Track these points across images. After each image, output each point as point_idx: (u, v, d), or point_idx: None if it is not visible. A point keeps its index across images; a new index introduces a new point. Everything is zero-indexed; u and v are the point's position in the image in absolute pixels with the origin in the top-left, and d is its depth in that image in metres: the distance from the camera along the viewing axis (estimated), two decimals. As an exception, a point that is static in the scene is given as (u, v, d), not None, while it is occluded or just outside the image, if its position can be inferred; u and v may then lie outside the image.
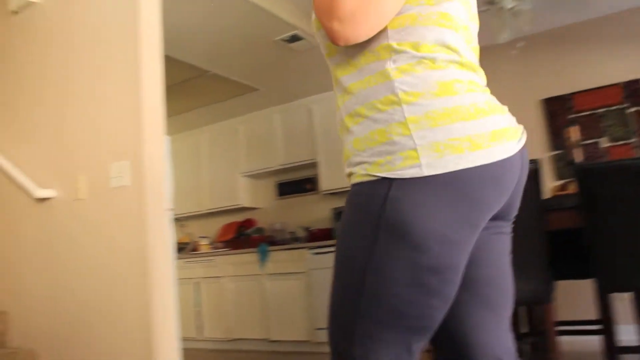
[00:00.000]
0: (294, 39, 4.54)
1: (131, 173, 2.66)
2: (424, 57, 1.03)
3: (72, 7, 3.16)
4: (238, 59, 4.94)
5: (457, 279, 1.04)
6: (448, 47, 1.05)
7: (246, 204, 6.43)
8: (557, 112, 4.85)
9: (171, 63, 4.64)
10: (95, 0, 3.03)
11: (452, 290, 1.04)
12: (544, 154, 4.86)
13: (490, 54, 5.04)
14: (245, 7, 3.99)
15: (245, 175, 6.45)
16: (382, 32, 1.05)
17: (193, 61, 4.90)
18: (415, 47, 1.04)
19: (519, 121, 4.93)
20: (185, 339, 5.87)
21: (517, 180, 1.10)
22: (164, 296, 2.56)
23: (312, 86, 5.72)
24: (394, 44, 1.04)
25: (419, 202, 0.99)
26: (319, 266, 5.18)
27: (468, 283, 1.13)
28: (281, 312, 5.37)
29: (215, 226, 6.77)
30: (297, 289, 5.29)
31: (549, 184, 4.73)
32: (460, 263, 1.04)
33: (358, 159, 1.08)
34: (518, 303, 2.59)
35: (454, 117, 1.00)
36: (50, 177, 3.09)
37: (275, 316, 5.40)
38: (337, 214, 5.69)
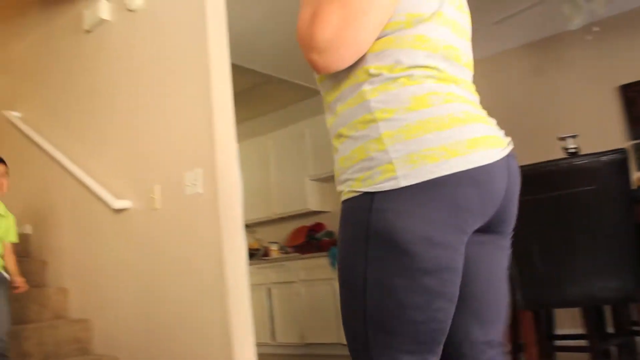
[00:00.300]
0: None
1: (205, 181, 2.68)
2: (399, 77, 1.07)
3: (141, 22, 3.23)
4: (303, 62, 4.93)
5: (455, 279, 1.07)
6: (425, 67, 1.08)
7: (315, 208, 6.41)
8: (636, 98, 4.59)
9: (236, 71, 4.69)
10: (163, 14, 3.09)
11: (453, 290, 1.06)
12: (623, 144, 4.60)
13: (563, 41, 4.83)
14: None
15: (313, 179, 6.43)
16: (362, 57, 1.09)
17: (258, 67, 4.94)
18: (391, 69, 1.07)
19: (596, 109, 4.76)
20: (258, 344, 5.90)
21: (506, 190, 1.12)
22: (241, 301, 2.56)
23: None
24: (371, 68, 1.08)
25: (401, 211, 1.03)
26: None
27: (458, 297, 1.13)
28: (354, 316, 5.31)
29: (284, 231, 6.79)
30: (370, 292, 5.21)
31: (632, 175, 4.48)
32: (453, 263, 1.06)
33: (344, 177, 1.12)
34: (603, 302, 2.44)
35: (428, 128, 1.04)
36: (126, 188, 3.16)
37: (348, 320, 5.35)
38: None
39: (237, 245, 2.62)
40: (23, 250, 3.85)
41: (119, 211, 3.16)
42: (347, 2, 1.03)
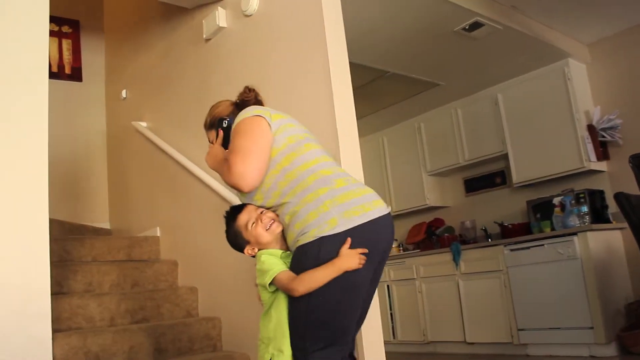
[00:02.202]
0: (475, 26, 4.34)
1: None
2: (321, 168, 1.88)
3: (258, 27, 3.29)
4: (417, 55, 4.84)
5: (364, 292, 1.84)
6: (327, 157, 1.97)
7: (434, 203, 6.29)
8: None
9: (350, 68, 4.67)
10: (279, 17, 3.12)
11: (362, 298, 1.84)
12: None
13: None
14: (422, 1, 3.89)
15: (430, 174, 6.31)
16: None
17: (372, 63, 4.90)
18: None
19: None
20: (381, 341, 5.86)
21: (389, 232, 1.89)
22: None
23: (497, 74, 5.43)
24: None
25: (338, 248, 1.73)
26: (518, 263, 4.87)
27: None
28: (478, 313, 5.14)
29: (403, 228, 6.71)
30: (495, 288, 5.03)
31: None
32: (365, 281, 1.82)
33: (302, 232, 1.78)
34: None
35: (350, 196, 1.80)
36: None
37: (472, 317, 5.19)
38: (534, 207, 5.31)
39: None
40: (154, 251, 4.07)
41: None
42: None
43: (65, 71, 5.53)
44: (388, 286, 5.97)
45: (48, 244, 2.76)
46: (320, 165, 1.88)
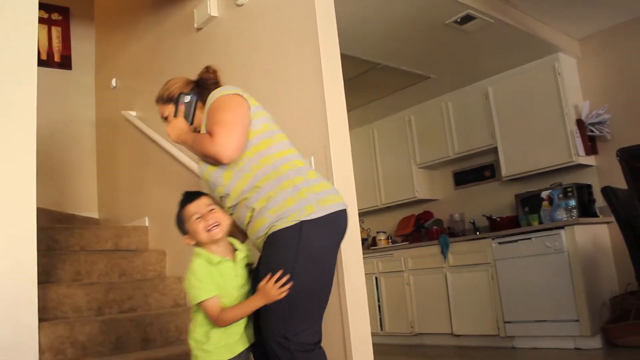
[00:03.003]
0: (466, 19, 4.34)
1: (318, 168, 2.68)
2: (294, 159, 2.04)
3: (249, 16, 3.28)
4: (408, 48, 4.84)
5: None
6: (297, 151, 2.10)
7: (423, 196, 6.30)
8: None
9: (341, 59, 4.67)
10: (271, 7, 3.11)
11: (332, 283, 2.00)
12: None
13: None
14: (414, -7, 3.90)
15: (420, 167, 6.32)
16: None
17: (363, 55, 4.90)
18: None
19: None
20: (369, 333, 5.89)
21: (346, 226, 2.02)
22: (356, 290, 2.55)
23: (488, 67, 5.44)
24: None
25: (316, 231, 1.88)
26: (505, 256, 4.90)
27: None
28: (465, 305, 5.18)
29: (392, 220, 6.73)
30: (482, 281, 5.06)
31: None
32: (334, 267, 1.99)
33: (276, 217, 1.89)
34: None
35: (323, 187, 1.97)
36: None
37: (459, 309, 5.22)
38: (522, 200, 5.34)
39: (353, 233, 2.60)
40: (142, 241, 4.06)
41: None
42: None
43: (54, 59, 5.49)
44: (376, 278, 5.99)
45: (35, 233, 2.74)
46: (293, 155, 2.03)
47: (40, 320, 2.77)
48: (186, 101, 2.22)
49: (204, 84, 2.27)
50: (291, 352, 1.83)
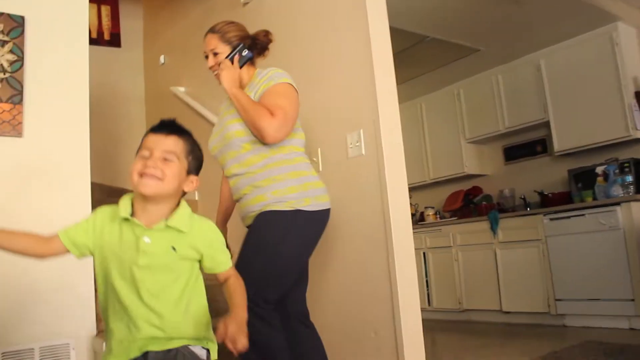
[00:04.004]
0: (519, -12, 4.19)
1: (367, 142, 2.66)
2: (304, 155, 2.24)
3: (297, -13, 3.25)
4: (458, 20, 4.72)
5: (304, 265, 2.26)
6: (303, 149, 2.25)
7: (472, 172, 6.20)
8: None
9: (390, 32, 4.60)
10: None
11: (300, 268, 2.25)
12: None
13: None
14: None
15: (469, 142, 6.21)
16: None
17: (411, 28, 4.80)
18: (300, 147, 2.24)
19: None
20: (416, 309, 5.87)
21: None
22: (406, 264, 2.54)
23: (540, 39, 5.26)
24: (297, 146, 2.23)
25: (307, 222, 2.10)
26: (557, 232, 4.79)
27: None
28: (515, 282, 5.09)
29: (441, 196, 6.65)
30: (533, 257, 4.96)
31: None
32: (307, 256, 2.23)
33: (277, 199, 2.08)
34: None
35: (320, 185, 2.19)
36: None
37: (509, 286, 5.15)
38: (575, 176, 5.19)
39: (402, 207, 2.59)
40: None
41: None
42: None
43: (104, 37, 5.58)
44: (424, 253, 5.95)
45: (90, 206, 2.83)
46: (304, 153, 2.24)
47: (96, 290, 2.86)
48: (244, 54, 2.28)
49: (257, 45, 2.37)
50: (255, 313, 1.85)
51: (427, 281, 5.90)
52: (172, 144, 1.53)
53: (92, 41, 5.25)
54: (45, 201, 2.70)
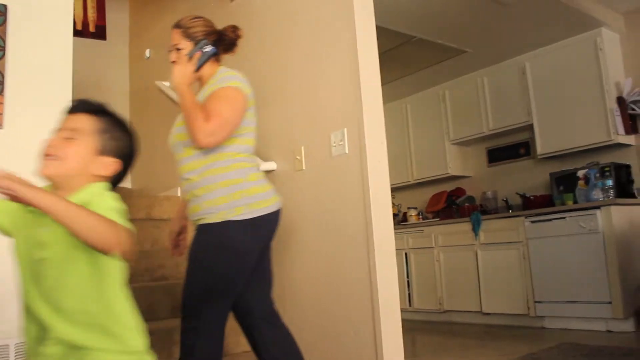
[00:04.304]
0: (506, -8, 4.22)
1: (351, 141, 2.66)
2: (244, 160, 2.14)
3: (284, -16, 3.24)
4: (444, 20, 4.74)
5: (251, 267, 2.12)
6: (251, 154, 2.20)
7: (455, 173, 6.23)
8: None
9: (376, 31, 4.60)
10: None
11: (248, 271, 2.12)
12: None
13: None
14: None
15: (453, 143, 6.24)
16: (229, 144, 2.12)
17: (398, 27, 4.81)
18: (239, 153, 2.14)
19: None
20: (397, 308, 5.89)
21: (277, 223, 2.18)
22: (387, 264, 2.54)
23: (526, 42, 5.30)
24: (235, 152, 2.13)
25: (241, 231, 2.04)
26: (538, 235, 4.83)
27: (256, 272, 2.17)
28: (495, 284, 5.13)
29: (424, 196, 6.68)
30: (513, 259, 5.00)
31: None
32: (254, 258, 2.13)
33: (208, 210, 2.06)
34: None
35: (257, 190, 2.10)
36: (271, 149, 3.23)
37: (489, 288, 5.18)
38: (557, 179, 5.24)
39: (384, 206, 2.59)
40: (174, 211, 4.09)
41: (265, 173, 3.24)
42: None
43: (89, 29, 5.53)
44: (406, 254, 5.97)
45: (71, 200, 2.78)
46: (245, 158, 2.16)
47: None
48: (205, 50, 2.22)
49: (224, 41, 2.30)
50: (198, 332, 2.02)
51: (408, 282, 5.92)
52: (77, 121, 1.42)
53: (77, 33, 5.22)
54: (24, 194, 2.66)
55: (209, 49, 2.22)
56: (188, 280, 2.07)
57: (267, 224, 2.13)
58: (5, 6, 2.73)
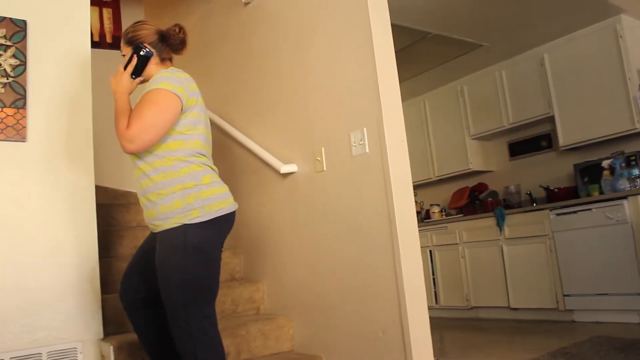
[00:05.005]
0: (521, -17, 4.16)
1: (371, 140, 2.64)
2: (195, 163, 2.16)
3: (298, -14, 3.23)
4: (460, 15, 4.69)
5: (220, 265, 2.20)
6: (203, 155, 2.21)
7: (477, 168, 6.18)
8: None
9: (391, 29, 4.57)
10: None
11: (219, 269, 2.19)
12: None
13: None
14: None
15: (474, 138, 6.19)
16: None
17: (413, 24, 4.78)
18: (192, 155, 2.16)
19: None
20: (423, 306, 5.85)
21: (232, 224, 2.24)
22: (412, 262, 2.52)
23: (543, 33, 5.23)
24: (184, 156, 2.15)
25: (199, 233, 2.07)
26: (564, 228, 4.76)
27: None
28: (523, 278, 5.07)
29: (446, 193, 6.63)
30: (540, 253, 4.94)
31: None
32: (220, 257, 2.19)
33: (164, 216, 2.09)
34: None
35: (212, 192, 2.13)
36: (291, 152, 3.23)
37: (517, 282, 5.12)
38: (581, 170, 5.17)
39: (407, 205, 2.57)
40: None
41: (286, 175, 3.24)
42: None
43: (106, 40, 5.58)
44: (430, 251, 5.93)
45: (95, 210, 2.82)
46: (196, 161, 2.15)
47: (104, 293, 2.87)
48: (141, 54, 2.22)
49: (168, 41, 2.30)
50: (192, 335, 2.04)
51: (433, 279, 5.88)
52: None
53: (94, 44, 5.27)
54: (49, 205, 2.70)
55: (145, 51, 2.22)
56: (165, 289, 2.08)
57: (222, 225, 2.16)
58: (24, 21, 2.77)
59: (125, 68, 2.24)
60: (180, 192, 2.07)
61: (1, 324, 2.48)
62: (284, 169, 3.17)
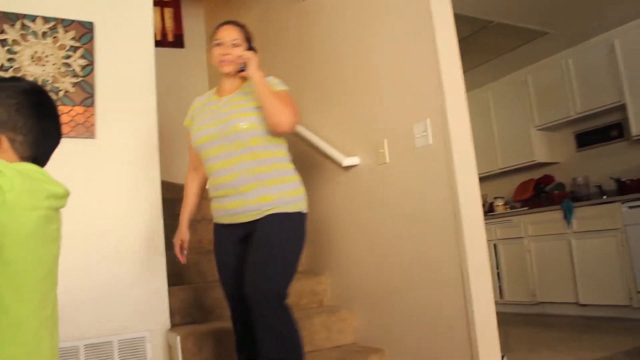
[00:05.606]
0: (590, -34, 3.99)
1: (435, 131, 2.60)
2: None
3: (357, -22, 3.20)
4: (523, 2, 4.54)
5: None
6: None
7: (542, 159, 5.99)
8: None
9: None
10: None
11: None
12: None
13: None
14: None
15: (539, 129, 6.00)
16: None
17: (474, 13, 4.66)
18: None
19: None
20: (487, 302, 5.74)
21: None
22: (478, 255, 2.46)
23: (613, 18, 5.01)
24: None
25: (305, 221, 2.28)
26: (637, 221, 4.56)
27: None
28: (592, 274, 4.89)
29: (510, 185, 6.47)
30: (611, 248, 4.74)
31: None
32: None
33: (286, 200, 2.21)
34: None
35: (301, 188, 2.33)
36: (354, 144, 3.21)
37: (586, 278, 4.94)
38: (656, 161, 4.93)
39: (472, 197, 2.51)
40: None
41: (348, 168, 3.23)
42: None
43: (168, 39, 5.70)
44: (495, 245, 5.80)
45: (161, 204, 2.89)
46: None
47: (170, 285, 2.94)
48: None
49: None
50: (282, 306, 2.11)
51: (498, 273, 5.75)
52: None
53: (156, 43, 5.37)
54: (117, 200, 2.78)
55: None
56: (271, 268, 2.12)
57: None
58: (91, 23, 2.86)
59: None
60: (296, 182, 2.29)
61: (76, 314, 2.58)
62: (346, 161, 3.15)
